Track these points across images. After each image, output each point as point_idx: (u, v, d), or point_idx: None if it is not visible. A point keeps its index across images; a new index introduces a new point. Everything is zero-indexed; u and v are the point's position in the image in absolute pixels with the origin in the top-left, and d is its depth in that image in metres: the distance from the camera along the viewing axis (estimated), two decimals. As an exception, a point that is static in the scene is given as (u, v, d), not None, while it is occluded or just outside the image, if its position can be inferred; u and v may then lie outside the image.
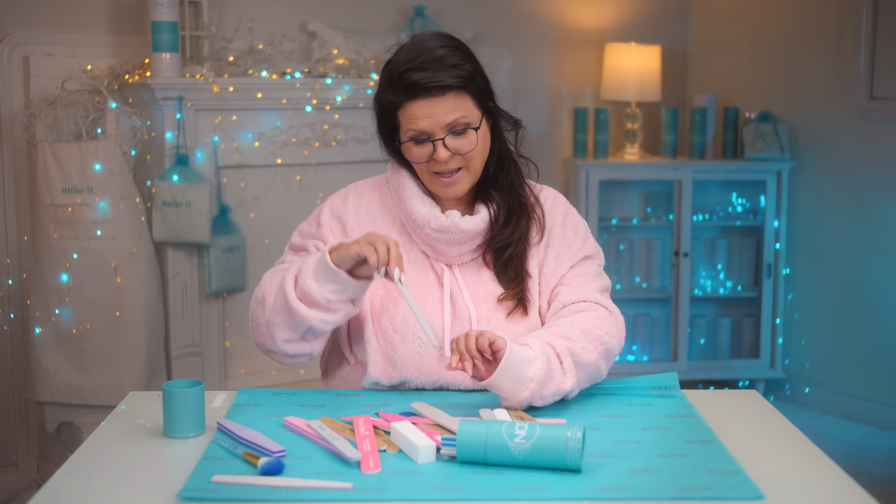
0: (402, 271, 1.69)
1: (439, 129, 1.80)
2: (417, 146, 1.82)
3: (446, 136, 1.80)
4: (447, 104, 1.79)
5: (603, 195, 4.24)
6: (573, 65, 4.40)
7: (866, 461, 3.58)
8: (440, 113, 1.79)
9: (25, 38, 3.24)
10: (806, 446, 1.59)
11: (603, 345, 1.78)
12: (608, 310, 1.85)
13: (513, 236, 1.87)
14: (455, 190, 1.85)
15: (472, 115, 1.82)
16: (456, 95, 1.80)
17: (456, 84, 1.79)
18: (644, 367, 4.22)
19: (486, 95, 1.86)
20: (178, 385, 1.62)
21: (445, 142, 1.80)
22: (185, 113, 3.23)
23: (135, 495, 1.41)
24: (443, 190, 1.85)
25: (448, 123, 1.79)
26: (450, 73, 1.79)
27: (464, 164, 1.83)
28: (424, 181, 1.87)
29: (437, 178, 1.84)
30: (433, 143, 1.80)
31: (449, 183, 1.84)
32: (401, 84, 1.80)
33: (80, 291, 3.11)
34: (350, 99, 3.51)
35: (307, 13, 3.74)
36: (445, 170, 1.82)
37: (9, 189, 3.27)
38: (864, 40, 3.88)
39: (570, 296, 1.85)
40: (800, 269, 4.21)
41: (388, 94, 1.83)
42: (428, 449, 1.49)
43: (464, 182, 1.85)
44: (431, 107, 1.79)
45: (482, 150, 1.85)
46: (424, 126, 1.80)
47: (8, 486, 3.35)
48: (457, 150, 1.81)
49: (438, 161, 1.81)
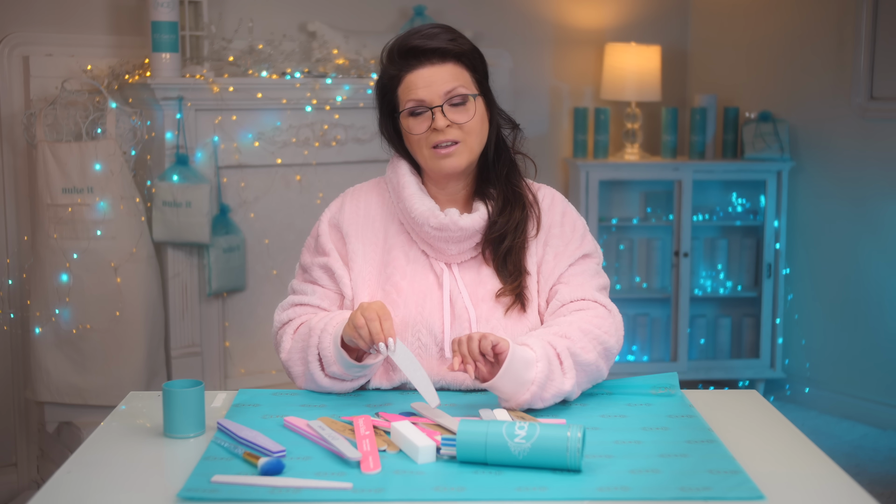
0: (394, 340, 1.71)
1: (437, 97, 1.82)
2: (415, 118, 1.84)
3: (444, 104, 1.82)
4: (445, 72, 1.82)
5: (603, 195, 4.24)
6: (573, 65, 4.40)
7: (866, 461, 3.58)
8: (438, 81, 1.82)
9: (25, 38, 3.24)
10: (806, 446, 1.59)
11: (602, 344, 1.78)
12: (607, 308, 1.85)
13: (508, 225, 1.87)
14: (452, 162, 1.84)
15: (470, 89, 1.85)
16: (454, 67, 1.84)
17: (454, 51, 1.84)
18: (644, 367, 4.22)
19: (484, 79, 1.89)
20: (178, 385, 1.62)
21: (444, 111, 1.82)
22: (185, 113, 3.23)
23: (135, 495, 1.41)
24: (439, 162, 1.84)
25: (447, 91, 1.82)
26: (450, 42, 1.84)
27: (461, 137, 1.84)
28: (422, 157, 1.87)
29: (434, 151, 1.84)
30: (432, 112, 1.82)
31: (446, 154, 1.84)
32: (401, 52, 1.84)
33: (80, 291, 3.11)
34: (350, 99, 3.51)
35: (307, 13, 3.74)
36: (443, 139, 1.83)
37: (9, 189, 3.27)
38: (864, 40, 3.88)
39: (568, 294, 1.85)
40: (800, 269, 4.21)
41: (388, 69, 1.86)
42: (428, 449, 1.49)
43: (461, 155, 1.85)
44: (431, 75, 1.82)
45: (479, 125, 1.86)
46: (423, 95, 1.82)
47: (8, 486, 3.35)
48: (454, 120, 1.82)
49: (437, 129, 1.82)
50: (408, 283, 1.86)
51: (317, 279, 1.91)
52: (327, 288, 1.90)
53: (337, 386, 1.81)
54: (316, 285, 1.92)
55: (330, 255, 1.90)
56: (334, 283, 1.90)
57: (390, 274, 1.88)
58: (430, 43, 1.83)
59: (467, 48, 1.86)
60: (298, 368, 1.83)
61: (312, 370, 1.80)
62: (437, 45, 1.83)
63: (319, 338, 1.79)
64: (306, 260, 1.95)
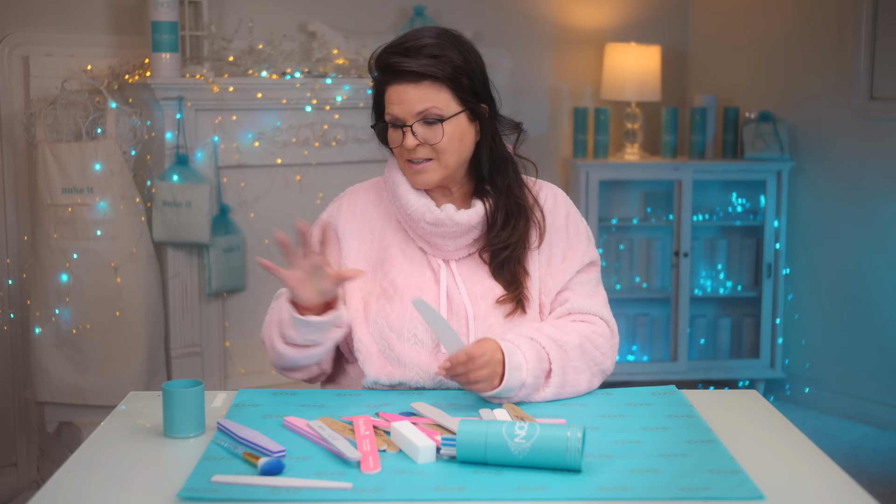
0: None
1: (409, 116, 1.82)
2: (393, 130, 1.85)
3: (416, 123, 1.82)
4: (419, 92, 1.81)
5: (603, 195, 4.24)
6: (573, 65, 4.40)
7: (866, 461, 3.58)
8: (412, 100, 1.81)
9: (25, 38, 3.24)
10: (806, 446, 1.59)
11: (598, 365, 1.83)
12: (609, 327, 1.89)
13: (511, 239, 1.88)
14: (422, 179, 1.85)
15: (447, 109, 1.82)
16: (432, 86, 1.81)
17: (431, 74, 1.80)
18: (644, 366, 4.22)
19: (471, 94, 1.85)
20: (178, 385, 1.62)
21: (415, 130, 1.82)
22: (185, 113, 3.23)
23: (135, 495, 1.41)
24: (412, 177, 1.87)
25: (419, 112, 1.81)
26: (429, 62, 1.80)
27: (433, 155, 1.84)
28: (399, 165, 1.89)
29: (408, 165, 1.86)
30: (402, 130, 1.83)
31: (418, 170, 1.85)
32: (380, 64, 1.85)
33: (80, 291, 3.11)
34: (350, 99, 3.51)
35: (307, 13, 3.74)
36: (414, 157, 1.84)
37: (9, 189, 3.27)
38: (864, 40, 3.88)
39: (577, 305, 1.88)
40: (800, 269, 4.21)
41: (375, 76, 1.88)
42: (428, 449, 1.49)
43: (433, 173, 1.85)
44: (405, 93, 1.81)
45: (455, 145, 1.84)
46: (397, 112, 1.83)
47: (8, 486, 3.35)
48: (425, 140, 1.83)
49: (406, 148, 1.83)
50: (404, 280, 1.87)
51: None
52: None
53: (293, 353, 1.80)
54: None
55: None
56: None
57: (387, 271, 1.88)
58: (405, 64, 1.80)
59: (448, 67, 1.81)
60: (268, 340, 1.85)
61: (273, 337, 1.81)
62: (410, 68, 1.80)
63: (279, 303, 1.83)
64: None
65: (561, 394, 1.78)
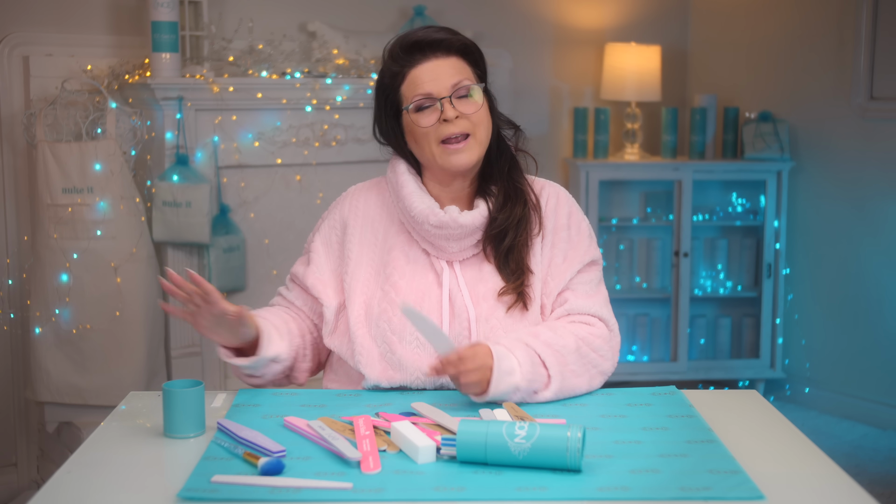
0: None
1: (445, 89, 1.83)
2: (423, 113, 1.84)
3: (451, 96, 1.83)
4: (450, 65, 1.84)
5: (603, 195, 4.24)
6: (573, 65, 4.40)
7: (866, 461, 3.58)
8: (444, 75, 1.83)
9: (25, 38, 3.24)
10: (806, 446, 1.59)
11: (595, 367, 1.83)
12: (609, 328, 1.88)
13: (508, 221, 1.87)
14: (464, 157, 1.84)
15: (474, 82, 1.87)
16: (458, 60, 1.86)
17: (457, 45, 1.86)
18: (644, 366, 4.22)
19: (484, 75, 1.91)
20: (178, 385, 1.62)
21: (452, 102, 1.83)
22: (185, 113, 3.23)
23: (135, 495, 1.41)
24: (449, 158, 1.83)
25: (453, 84, 1.83)
26: (451, 35, 1.86)
27: (471, 128, 1.84)
28: (431, 155, 1.85)
29: (444, 147, 1.84)
30: (441, 103, 1.82)
31: (457, 149, 1.83)
32: (405, 47, 1.85)
33: (80, 291, 3.11)
34: (350, 99, 3.51)
35: (307, 13, 3.74)
36: (454, 132, 1.82)
37: (9, 189, 3.27)
38: (864, 40, 3.88)
39: (576, 306, 1.87)
40: (800, 269, 4.21)
41: (391, 67, 1.87)
42: (428, 449, 1.49)
43: (472, 150, 1.85)
44: (436, 68, 1.83)
45: (486, 117, 1.87)
46: (430, 88, 1.83)
47: (8, 486, 3.35)
48: (463, 112, 1.83)
49: (447, 120, 1.82)
50: (406, 283, 1.86)
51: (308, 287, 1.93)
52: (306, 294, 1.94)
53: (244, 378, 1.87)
54: (297, 286, 1.96)
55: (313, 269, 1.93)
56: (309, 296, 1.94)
57: (389, 274, 1.88)
58: (433, 35, 1.84)
59: (469, 42, 1.89)
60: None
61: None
62: (441, 38, 1.84)
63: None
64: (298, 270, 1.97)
65: (559, 398, 1.78)
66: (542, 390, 1.75)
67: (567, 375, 1.77)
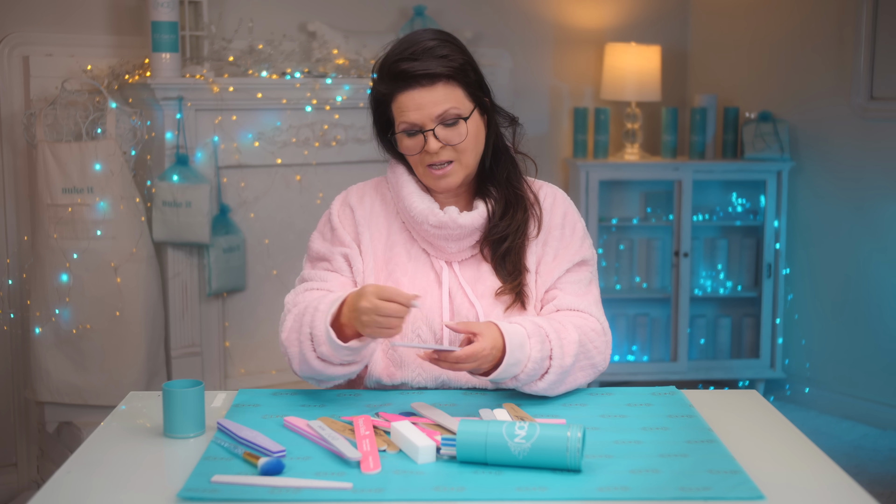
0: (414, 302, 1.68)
1: (429, 121, 1.80)
2: (409, 138, 1.83)
3: (436, 126, 1.81)
4: (437, 95, 1.80)
5: (603, 195, 4.24)
6: (573, 65, 4.40)
7: (866, 461, 3.58)
8: (430, 104, 1.80)
9: (25, 38, 3.24)
10: (806, 446, 1.59)
11: (588, 359, 1.81)
12: (600, 324, 1.86)
13: (509, 228, 1.87)
14: (447, 182, 1.85)
15: (463, 107, 1.82)
16: (446, 86, 1.81)
17: (445, 73, 1.80)
18: (644, 367, 4.22)
19: (478, 89, 1.86)
20: (178, 385, 1.62)
21: (436, 133, 1.81)
22: (185, 113, 3.23)
23: (135, 495, 1.41)
24: (435, 182, 1.85)
25: (438, 115, 1.80)
26: (439, 62, 1.80)
27: (455, 156, 1.83)
28: (418, 174, 1.87)
29: (429, 171, 1.84)
30: (424, 135, 1.81)
31: (441, 175, 1.84)
32: (391, 74, 1.81)
33: (80, 291, 3.11)
34: (350, 99, 3.51)
35: (307, 13, 3.74)
36: (437, 161, 1.82)
37: (9, 189, 3.27)
38: (864, 40, 3.88)
39: (566, 303, 1.86)
40: (800, 269, 4.21)
41: (380, 86, 1.85)
42: (428, 449, 1.49)
43: (455, 175, 1.85)
44: (421, 97, 1.80)
45: (474, 142, 1.85)
46: (415, 118, 1.80)
47: (8, 486, 3.35)
48: (447, 142, 1.81)
49: (429, 152, 1.81)
50: (409, 280, 1.87)
51: (337, 269, 1.88)
52: (346, 276, 1.88)
53: (328, 370, 1.75)
54: (333, 273, 1.89)
55: (348, 246, 1.89)
56: (351, 273, 1.88)
57: (392, 270, 1.88)
58: (417, 67, 1.79)
59: (457, 64, 1.82)
60: (294, 349, 1.77)
61: (304, 350, 1.74)
62: (425, 70, 1.79)
63: (312, 316, 1.74)
64: (322, 249, 1.91)
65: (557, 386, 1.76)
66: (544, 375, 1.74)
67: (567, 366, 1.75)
